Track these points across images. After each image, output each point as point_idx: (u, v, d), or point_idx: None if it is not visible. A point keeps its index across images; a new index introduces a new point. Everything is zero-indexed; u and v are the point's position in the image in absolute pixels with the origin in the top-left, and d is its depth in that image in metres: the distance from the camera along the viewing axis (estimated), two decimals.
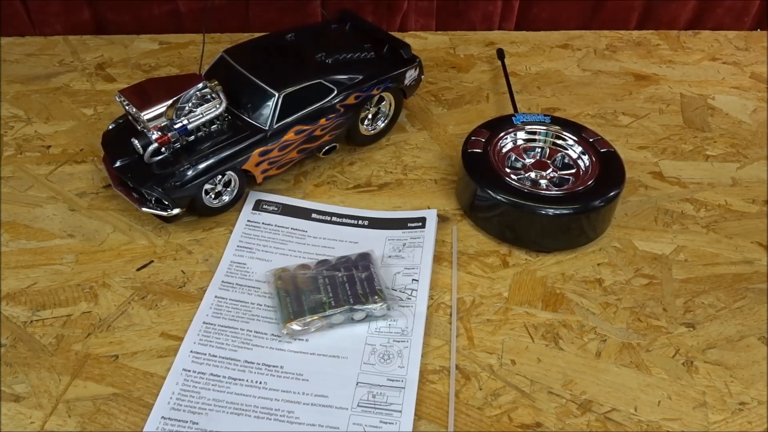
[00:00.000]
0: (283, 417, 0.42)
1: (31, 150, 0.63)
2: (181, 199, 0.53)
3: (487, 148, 0.57)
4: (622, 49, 0.85)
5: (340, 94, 0.58)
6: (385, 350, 0.46)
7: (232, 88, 0.56)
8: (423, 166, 0.64)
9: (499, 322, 0.49)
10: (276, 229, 0.56)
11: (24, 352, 0.46)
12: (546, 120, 0.61)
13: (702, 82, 0.78)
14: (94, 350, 0.46)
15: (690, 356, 0.47)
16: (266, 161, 0.56)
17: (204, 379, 0.44)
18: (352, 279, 0.49)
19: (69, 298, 0.49)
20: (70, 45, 0.81)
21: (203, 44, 0.81)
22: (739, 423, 0.43)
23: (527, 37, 0.87)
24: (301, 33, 0.64)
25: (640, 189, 0.62)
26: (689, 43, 0.87)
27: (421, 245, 0.54)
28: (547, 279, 0.52)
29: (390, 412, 0.42)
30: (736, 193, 0.62)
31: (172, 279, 0.51)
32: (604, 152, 0.57)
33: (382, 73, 0.62)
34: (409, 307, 0.49)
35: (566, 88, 0.76)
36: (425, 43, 0.85)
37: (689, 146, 0.67)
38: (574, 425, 0.42)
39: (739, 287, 0.52)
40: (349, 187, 0.61)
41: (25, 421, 0.42)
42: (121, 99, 0.53)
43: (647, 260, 0.54)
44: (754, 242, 0.56)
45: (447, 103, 0.73)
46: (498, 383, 0.45)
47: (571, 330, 0.48)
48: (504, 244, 0.55)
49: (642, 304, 0.50)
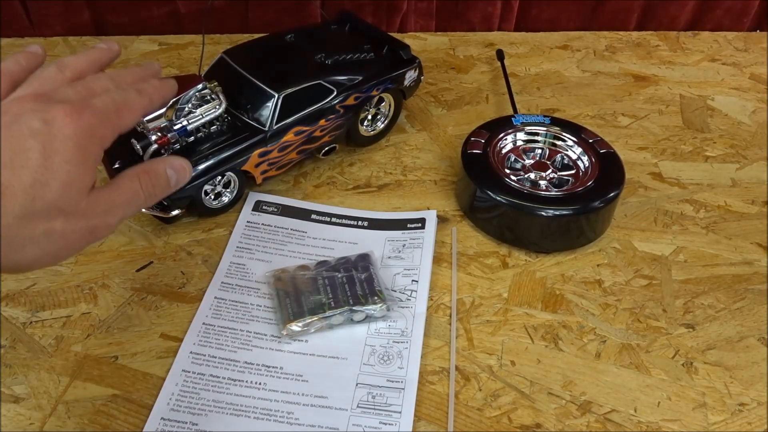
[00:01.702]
0: (282, 418, 0.42)
1: None
2: (180, 200, 0.53)
3: (486, 149, 0.57)
4: (622, 50, 0.85)
5: (339, 94, 0.58)
6: (384, 351, 0.46)
7: (231, 88, 0.56)
8: (423, 167, 0.64)
9: (499, 323, 0.49)
10: (275, 230, 0.56)
11: (23, 353, 0.46)
12: (545, 121, 0.61)
13: (701, 83, 0.78)
14: (93, 351, 0.46)
15: (690, 357, 0.47)
16: (266, 162, 0.56)
17: (203, 380, 0.44)
18: (352, 280, 0.49)
19: (68, 299, 0.49)
20: (70, 46, 0.81)
21: (203, 45, 0.81)
22: (739, 424, 0.43)
23: (527, 38, 0.87)
24: (301, 34, 0.64)
25: (640, 190, 0.62)
26: (689, 44, 0.87)
27: (420, 246, 0.54)
28: (546, 280, 0.52)
29: (390, 413, 0.42)
30: (736, 194, 0.62)
31: (171, 280, 0.51)
32: (603, 153, 0.57)
33: (381, 74, 0.62)
34: (408, 308, 0.49)
35: (566, 89, 0.76)
36: (425, 44, 0.85)
37: (689, 147, 0.68)
38: (573, 426, 0.42)
39: (738, 288, 0.52)
40: (349, 188, 0.61)
41: (24, 422, 0.41)
42: None
43: (647, 261, 0.54)
44: (754, 243, 0.56)
45: (446, 104, 0.73)
46: (498, 384, 0.45)
47: (570, 331, 0.48)
48: (503, 245, 0.55)
49: (641, 305, 0.50)
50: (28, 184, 0.31)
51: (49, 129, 0.33)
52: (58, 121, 0.33)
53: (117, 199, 0.36)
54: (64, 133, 0.33)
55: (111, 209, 0.36)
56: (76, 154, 0.33)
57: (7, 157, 0.31)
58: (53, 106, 0.34)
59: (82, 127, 0.34)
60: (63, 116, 0.33)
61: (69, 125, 0.33)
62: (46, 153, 0.32)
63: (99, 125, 0.35)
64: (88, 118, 0.34)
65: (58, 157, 0.32)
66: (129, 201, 0.37)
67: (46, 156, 0.32)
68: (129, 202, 0.37)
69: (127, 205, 0.37)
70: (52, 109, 0.34)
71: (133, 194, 0.37)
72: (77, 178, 0.33)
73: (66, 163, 0.33)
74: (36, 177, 0.32)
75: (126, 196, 0.37)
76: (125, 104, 0.38)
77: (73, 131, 0.33)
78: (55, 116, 0.33)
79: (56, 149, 0.32)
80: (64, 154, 0.33)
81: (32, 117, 0.33)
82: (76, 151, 0.33)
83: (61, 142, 0.33)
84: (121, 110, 0.37)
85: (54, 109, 0.33)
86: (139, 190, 0.38)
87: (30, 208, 0.31)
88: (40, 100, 0.35)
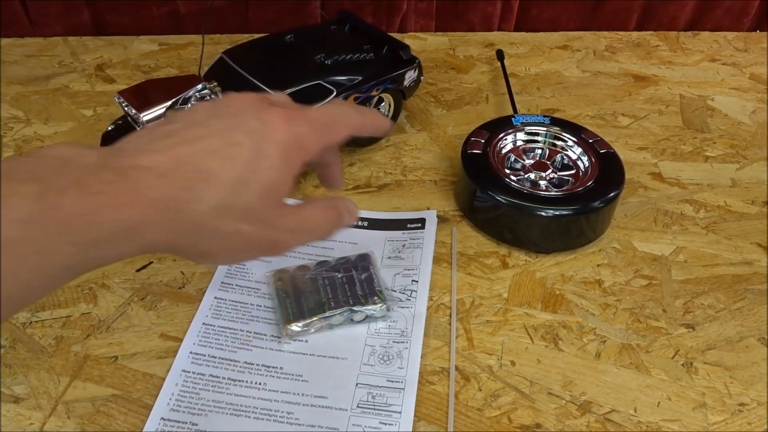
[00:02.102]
0: (282, 418, 0.42)
1: (31, 151, 0.63)
2: None
3: (486, 149, 0.57)
4: (622, 50, 0.85)
5: (339, 95, 0.58)
6: (384, 351, 0.46)
7: (231, 89, 0.56)
8: (422, 167, 0.64)
9: (499, 323, 0.49)
10: None
11: (23, 353, 0.46)
12: (545, 121, 0.61)
13: (701, 83, 0.78)
14: (93, 351, 0.46)
15: (689, 357, 0.47)
16: None
17: (203, 380, 0.44)
18: (352, 280, 0.49)
19: (68, 299, 0.49)
20: (70, 46, 0.81)
21: (202, 45, 0.81)
22: (739, 424, 0.43)
23: (526, 38, 0.87)
24: (301, 34, 0.64)
25: (640, 190, 0.62)
26: (688, 44, 0.87)
27: (420, 246, 0.54)
28: (546, 280, 0.52)
29: (390, 413, 0.42)
30: (736, 194, 0.62)
31: (171, 280, 0.51)
32: (603, 153, 0.57)
33: (381, 74, 0.62)
34: (408, 308, 0.49)
35: (566, 89, 0.76)
36: (425, 44, 0.85)
37: (689, 147, 0.68)
38: (573, 426, 0.42)
39: (738, 288, 0.52)
40: (349, 188, 0.61)
41: (24, 422, 0.41)
42: (121, 100, 0.53)
43: (647, 261, 0.54)
44: (754, 243, 0.56)
45: (446, 104, 0.73)
46: (497, 384, 0.45)
47: (570, 331, 0.48)
48: (503, 245, 0.55)
49: (641, 305, 0.50)
50: (232, 179, 0.31)
51: (263, 129, 0.32)
52: (272, 122, 0.33)
53: (304, 225, 0.36)
54: (275, 136, 0.33)
55: (297, 231, 0.35)
56: (280, 162, 0.33)
57: (220, 146, 0.31)
58: (271, 108, 0.34)
59: (293, 134, 0.33)
60: (277, 119, 0.33)
61: (281, 129, 0.33)
62: (255, 153, 0.32)
63: (308, 135, 0.34)
64: (300, 126, 0.34)
65: (265, 160, 0.32)
66: (313, 230, 0.37)
67: (254, 156, 0.32)
68: (312, 231, 0.37)
69: (310, 234, 0.37)
70: (270, 110, 0.33)
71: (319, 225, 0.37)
72: (276, 187, 0.33)
73: (269, 169, 0.32)
74: (241, 174, 0.31)
75: (313, 224, 0.36)
76: (340, 118, 0.37)
77: (283, 137, 0.33)
78: (271, 117, 0.33)
79: (264, 152, 0.32)
80: (270, 158, 0.32)
81: (251, 115, 0.33)
82: (281, 159, 0.33)
83: (270, 145, 0.32)
84: (334, 124, 0.37)
85: (271, 111, 0.33)
86: (325, 224, 0.37)
87: (227, 204, 0.31)
88: (262, 101, 0.34)
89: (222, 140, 0.31)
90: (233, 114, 0.33)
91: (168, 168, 0.30)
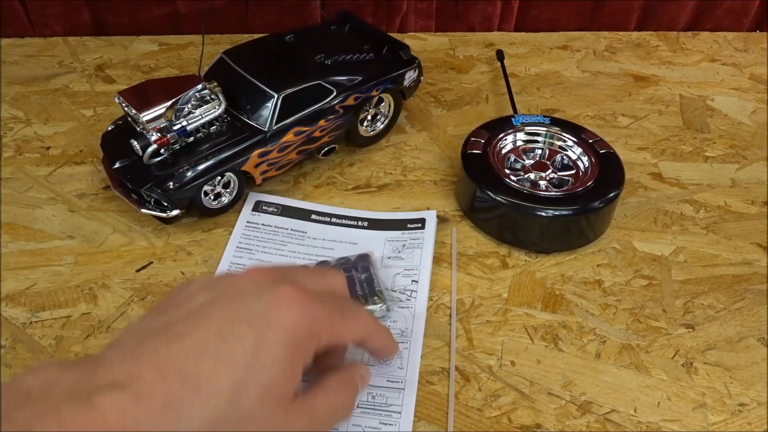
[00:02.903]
0: None
1: (31, 151, 0.63)
2: (180, 201, 0.53)
3: (486, 149, 0.57)
4: (622, 51, 0.85)
5: (339, 95, 0.58)
6: None
7: (231, 89, 0.56)
8: (422, 167, 0.64)
9: (499, 324, 0.49)
10: (275, 230, 0.56)
11: (23, 353, 0.46)
12: (545, 121, 0.61)
13: (701, 84, 0.78)
14: (93, 351, 0.46)
15: (689, 357, 0.47)
16: (265, 162, 0.56)
17: None
18: (352, 280, 0.49)
19: (68, 300, 0.49)
20: (70, 46, 0.81)
21: (202, 45, 0.81)
22: (739, 424, 0.43)
23: (526, 38, 0.87)
24: (301, 34, 0.64)
25: (640, 190, 0.62)
26: (688, 44, 0.87)
27: (420, 246, 0.54)
28: (546, 280, 0.52)
29: (389, 413, 0.42)
30: (736, 194, 0.62)
31: (171, 280, 0.51)
32: (603, 153, 0.57)
33: (381, 75, 0.62)
34: (408, 308, 0.49)
35: (565, 90, 0.76)
36: (425, 44, 0.85)
37: (688, 147, 0.68)
38: (573, 426, 0.42)
39: (738, 288, 0.52)
40: (349, 188, 0.61)
41: None
42: (120, 100, 0.53)
43: (647, 261, 0.54)
44: (754, 243, 0.56)
45: (446, 104, 0.73)
46: (497, 384, 0.45)
47: (570, 331, 0.48)
48: (503, 245, 0.55)
49: (641, 305, 0.50)
50: (227, 385, 0.27)
51: (266, 313, 0.28)
52: (277, 305, 0.29)
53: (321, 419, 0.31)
54: (281, 322, 0.28)
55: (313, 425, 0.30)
56: (285, 353, 0.28)
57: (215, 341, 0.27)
58: (278, 288, 0.29)
59: (303, 318, 0.29)
60: (286, 300, 0.29)
61: (288, 313, 0.29)
62: (256, 346, 0.27)
63: (322, 321, 0.30)
64: (313, 310, 0.30)
65: (268, 354, 0.28)
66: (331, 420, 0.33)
67: (255, 350, 0.27)
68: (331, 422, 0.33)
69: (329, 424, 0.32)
70: (277, 290, 0.29)
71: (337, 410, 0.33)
72: (279, 386, 0.28)
73: (272, 364, 0.28)
74: (238, 377, 0.27)
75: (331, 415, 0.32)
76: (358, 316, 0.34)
77: (290, 322, 0.29)
78: (277, 299, 0.29)
79: (266, 343, 0.28)
80: (273, 350, 0.28)
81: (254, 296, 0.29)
82: (287, 350, 0.28)
83: (274, 333, 0.28)
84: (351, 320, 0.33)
85: (278, 291, 0.29)
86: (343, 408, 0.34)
87: (221, 415, 0.26)
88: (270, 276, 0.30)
89: (218, 333, 0.28)
90: (234, 296, 0.29)
91: (149, 383, 0.26)
